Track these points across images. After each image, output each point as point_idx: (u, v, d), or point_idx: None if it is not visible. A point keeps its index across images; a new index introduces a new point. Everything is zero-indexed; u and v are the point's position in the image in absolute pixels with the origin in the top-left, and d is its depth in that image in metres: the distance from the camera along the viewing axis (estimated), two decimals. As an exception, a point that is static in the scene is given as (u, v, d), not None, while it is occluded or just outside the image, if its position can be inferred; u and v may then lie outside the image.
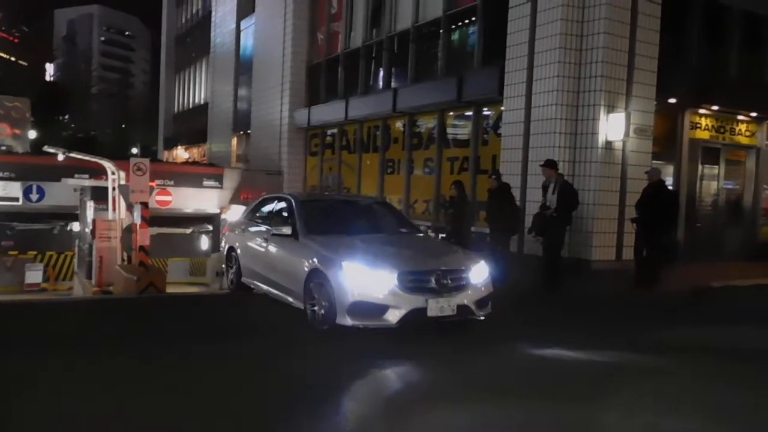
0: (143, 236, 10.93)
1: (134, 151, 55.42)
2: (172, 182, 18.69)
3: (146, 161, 11.62)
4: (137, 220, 11.12)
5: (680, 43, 12.75)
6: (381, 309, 5.72)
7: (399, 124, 17.06)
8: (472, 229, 12.00)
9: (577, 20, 11.03)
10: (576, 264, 10.69)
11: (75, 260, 20.16)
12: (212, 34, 30.37)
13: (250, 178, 20.99)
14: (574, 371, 5.57)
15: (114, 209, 15.07)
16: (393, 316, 5.70)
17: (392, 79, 17.41)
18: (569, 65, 11.03)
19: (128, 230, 12.15)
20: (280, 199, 8.29)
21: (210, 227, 20.77)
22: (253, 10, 24.88)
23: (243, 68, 26.71)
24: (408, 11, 16.52)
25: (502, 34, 12.15)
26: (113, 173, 15.25)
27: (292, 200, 7.54)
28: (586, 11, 11.00)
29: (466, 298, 6.07)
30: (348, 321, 5.73)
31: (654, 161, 11.66)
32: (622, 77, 10.99)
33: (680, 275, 10.73)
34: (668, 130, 12.92)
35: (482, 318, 6.33)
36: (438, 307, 5.82)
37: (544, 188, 10.07)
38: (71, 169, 17.68)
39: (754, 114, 13.97)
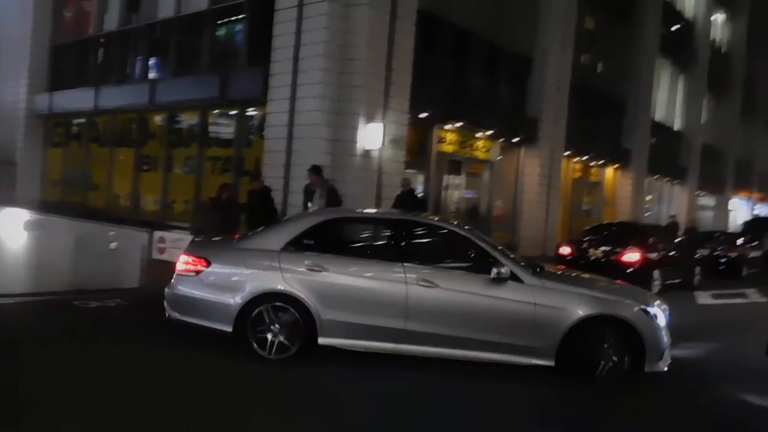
0: None
1: None
2: None
3: None
4: None
5: (432, 64, 13.85)
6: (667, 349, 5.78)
7: (158, 119, 16.05)
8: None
9: (342, 30, 11.39)
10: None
11: None
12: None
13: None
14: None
15: None
16: (669, 356, 5.78)
17: (151, 70, 16.32)
18: (332, 73, 11.34)
19: None
20: (413, 225, 6.27)
21: None
22: (-16, -25, 21.53)
23: (-31, 40, 22.94)
24: (170, -1, 15.63)
25: (269, 35, 12.08)
26: None
27: (459, 230, 6.06)
28: (349, 22, 11.42)
29: None
30: (661, 367, 5.64)
31: (407, 170, 12.55)
32: (380, 90, 11.62)
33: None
34: (420, 143, 14.03)
35: None
36: None
37: (308, 192, 10.13)
38: None
39: (489, 132, 15.79)
